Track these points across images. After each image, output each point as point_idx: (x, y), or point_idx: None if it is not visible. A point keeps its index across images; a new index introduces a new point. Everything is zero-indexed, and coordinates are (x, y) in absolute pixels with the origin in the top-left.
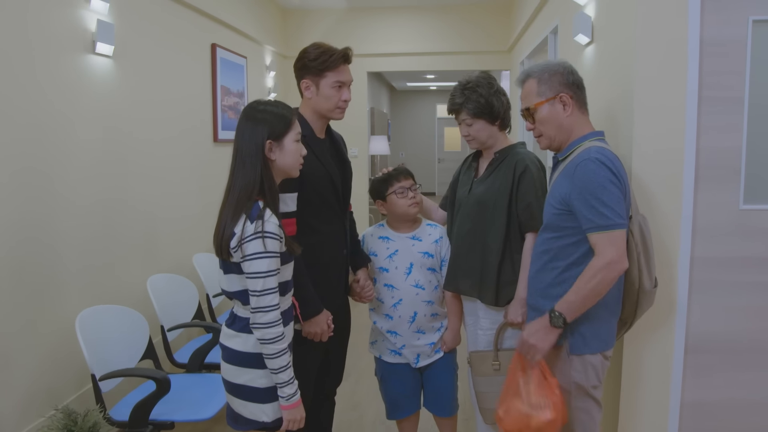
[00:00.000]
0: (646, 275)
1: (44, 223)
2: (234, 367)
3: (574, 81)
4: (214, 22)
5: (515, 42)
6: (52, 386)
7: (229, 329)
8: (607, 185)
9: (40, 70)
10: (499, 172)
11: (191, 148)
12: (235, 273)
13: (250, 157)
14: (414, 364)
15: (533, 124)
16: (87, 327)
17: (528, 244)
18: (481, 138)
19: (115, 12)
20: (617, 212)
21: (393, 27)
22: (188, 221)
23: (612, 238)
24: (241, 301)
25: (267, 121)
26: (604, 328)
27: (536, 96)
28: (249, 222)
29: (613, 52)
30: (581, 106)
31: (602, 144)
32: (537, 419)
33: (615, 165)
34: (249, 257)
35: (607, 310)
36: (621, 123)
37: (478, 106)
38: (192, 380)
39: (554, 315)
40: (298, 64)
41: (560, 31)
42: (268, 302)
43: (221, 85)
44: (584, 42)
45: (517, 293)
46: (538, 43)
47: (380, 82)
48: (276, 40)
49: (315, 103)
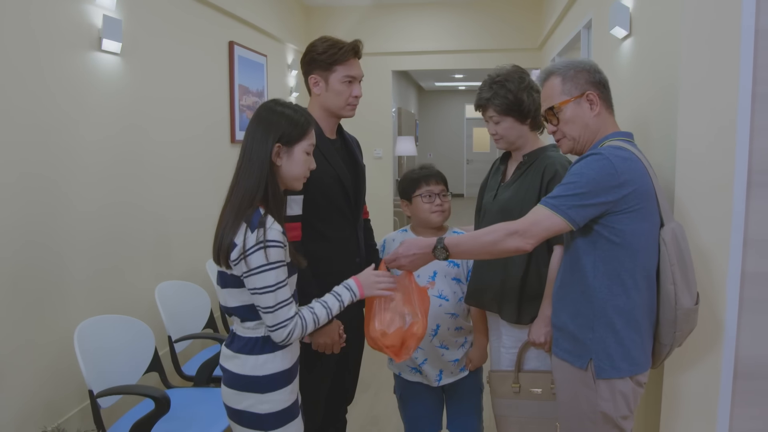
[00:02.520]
0: (684, 290)
1: (48, 228)
2: (234, 391)
3: (600, 80)
4: (232, 18)
5: (546, 38)
6: (52, 400)
7: (227, 349)
8: (589, 174)
9: (44, 67)
10: (527, 177)
11: (206, 149)
12: (234, 287)
13: (258, 159)
14: (436, 383)
15: (556, 124)
16: (87, 338)
17: (556, 258)
18: (509, 137)
19: (123, 8)
20: (571, 203)
21: (419, 24)
22: (202, 225)
23: (540, 217)
24: (240, 317)
25: (281, 124)
26: (636, 348)
27: (561, 94)
28: (249, 231)
29: (654, 45)
30: (608, 107)
31: (624, 144)
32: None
33: (624, 165)
34: (254, 271)
35: (637, 326)
36: (661, 122)
37: (506, 102)
38: (198, 395)
39: (439, 247)
40: (306, 59)
41: (594, 24)
42: (285, 315)
43: (239, 84)
44: (621, 35)
45: (541, 311)
46: (570, 39)
47: (408, 82)
48: (299, 39)
49: (324, 100)
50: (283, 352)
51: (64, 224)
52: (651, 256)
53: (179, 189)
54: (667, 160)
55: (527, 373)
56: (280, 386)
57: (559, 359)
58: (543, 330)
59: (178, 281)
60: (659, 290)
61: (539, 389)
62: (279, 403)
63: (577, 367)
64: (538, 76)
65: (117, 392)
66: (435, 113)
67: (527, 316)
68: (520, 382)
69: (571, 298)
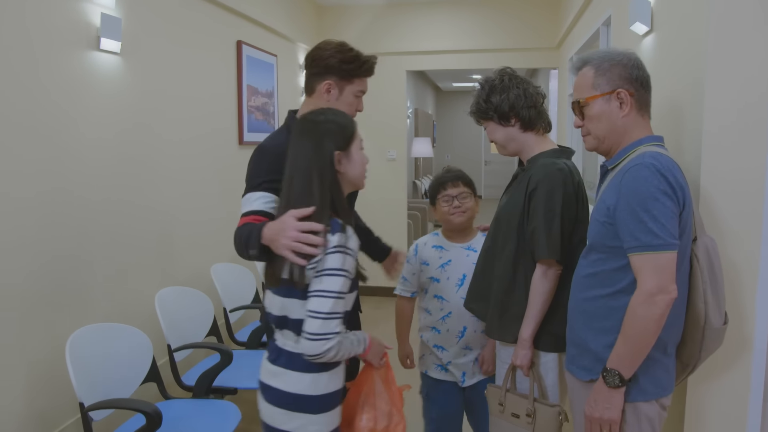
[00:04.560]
0: (714, 309)
1: (43, 234)
2: (282, 410)
3: (638, 77)
4: (240, 17)
5: (564, 37)
6: (46, 411)
7: (273, 366)
8: (660, 197)
9: (40, 67)
10: (519, 186)
11: (212, 151)
12: (299, 298)
13: (319, 174)
14: (461, 383)
15: (582, 120)
16: (80, 348)
17: (536, 276)
18: (499, 143)
19: (123, 6)
20: (668, 230)
21: (433, 23)
22: (207, 229)
23: (658, 263)
24: (295, 332)
25: (332, 131)
26: (661, 370)
27: (590, 88)
28: (331, 234)
29: (678, 41)
30: (641, 108)
31: (660, 149)
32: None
33: (673, 174)
34: (326, 272)
35: (663, 345)
36: (686, 125)
37: (478, 107)
38: (197, 407)
39: (607, 374)
40: (324, 63)
41: (614, 21)
42: (333, 329)
43: (248, 85)
44: (642, 32)
45: (520, 332)
46: (588, 37)
47: (425, 82)
48: (310, 38)
49: (333, 107)
50: (338, 371)
51: (59, 229)
52: (683, 272)
53: (183, 192)
54: (693, 165)
55: (513, 395)
56: (333, 407)
57: (576, 378)
58: (520, 353)
59: (180, 287)
60: (688, 308)
61: (518, 414)
62: (328, 426)
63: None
64: (574, 62)
65: (107, 406)
66: (453, 114)
67: (511, 335)
68: (505, 402)
69: (592, 313)
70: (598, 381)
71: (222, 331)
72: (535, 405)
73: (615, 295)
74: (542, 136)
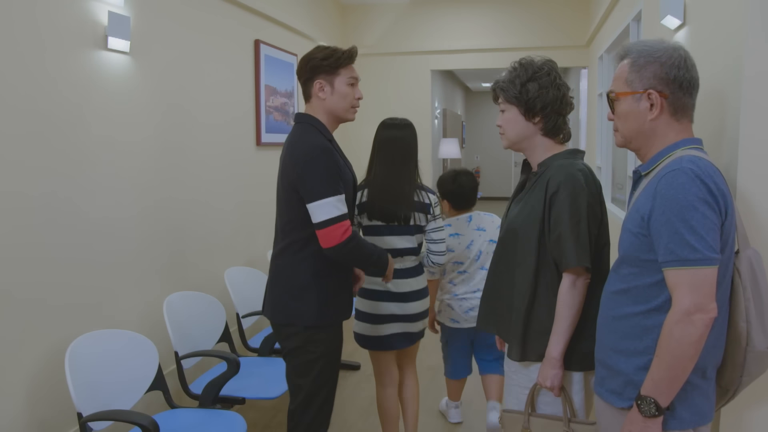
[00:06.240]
0: (758, 330)
1: (46, 236)
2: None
3: (676, 78)
4: (258, 16)
5: (593, 35)
6: (46, 419)
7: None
8: (699, 206)
9: (47, 66)
10: (534, 192)
11: (229, 152)
12: (413, 234)
13: (413, 155)
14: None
15: (613, 114)
16: (80, 356)
17: (564, 288)
18: (510, 133)
19: (132, 4)
20: (708, 243)
21: (458, 22)
22: (222, 232)
23: (696, 279)
24: (413, 255)
25: (412, 125)
26: (699, 396)
27: (623, 83)
28: (425, 193)
29: (713, 35)
30: (677, 112)
31: (700, 153)
32: None
33: (714, 180)
34: (439, 216)
35: (702, 369)
36: (722, 126)
37: (511, 86)
38: (201, 417)
39: (642, 401)
40: (308, 66)
41: (644, 15)
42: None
43: (266, 85)
44: (674, 25)
45: (548, 350)
46: (618, 34)
47: (453, 82)
48: (334, 38)
49: (330, 104)
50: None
51: (63, 231)
52: (724, 289)
53: (196, 194)
54: (730, 169)
55: (539, 419)
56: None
57: (606, 402)
58: (549, 372)
59: (190, 292)
60: (729, 328)
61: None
62: None
63: (627, 413)
64: (618, 50)
65: (103, 417)
66: (483, 114)
67: (533, 352)
68: (531, 427)
69: (624, 333)
70: (633, 410)
71: (234, 337)
72: (572, 426)
73: (649, 313)
74: (558, 143)
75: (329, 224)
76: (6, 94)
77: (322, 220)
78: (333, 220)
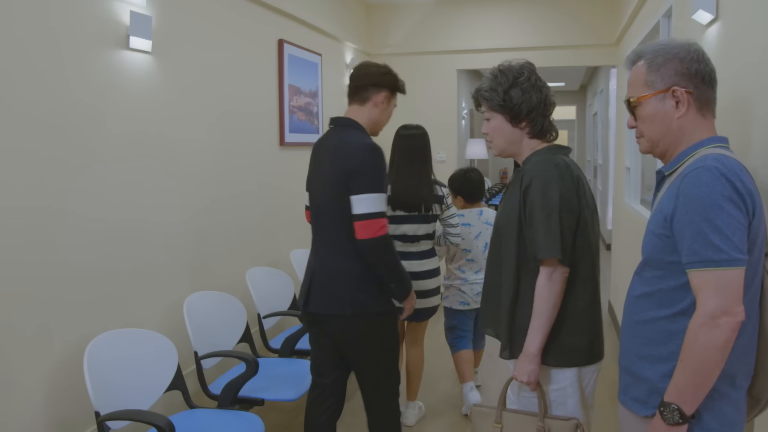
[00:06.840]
0: None
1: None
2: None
3: (698, 71)
4: (281, 15)
5: (623, 33)
6: (66, 418)
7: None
8: (725, 204)
9: (67, 65)
10: (513, 189)
11: (252, 153)
12: (429, 222)
13: (427, 156)
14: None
15: (635, 120)
16: (100, 355)
17: (540, 281)
18: (498, 140)
19: (154, 3)
20: (735, 244)
21: (485, 21)
22: (245, 233)
23: (721, 281)
24: (429, 240)
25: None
26: (728, 405)
27: (643, 86)
28: (438, 186)
29: (747, 30)
30: (702, 107)
31: (725, 151)
32: None
33: (741, 178)
34: (451, 205)
35: (731, 377)
36: (754, 124)
37: (494, 94)
38: (219, 418)
39: (665, 408)
40: (383, 76)
41: (675, 12)
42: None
43: (289, 85)
44: (706, 21)
45: (525, 344)
46: (648, 31)
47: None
48: (359, 37)
49: (378, 116)
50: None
51: (83, 230)
52: (754, 292)
53: (219, 194)
54: (762, 170)
55: (512, 413)
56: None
57: (629, 410)
58: (527, 368)
59: (211, 291)
60: (760, 334)
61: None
62: None
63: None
64: (628, 56)
65: (120, 417)
66: None
67: (519, 350)
68: (503, 422)
69: (648, 338)
70: (655, 417)
71: (256, 338)
72: (547, 422)
73: (674, 317)
74: (546, 144)
75: (371, 217)
76: (29, 94)
77: (365, 212)
78: (375, 215)
